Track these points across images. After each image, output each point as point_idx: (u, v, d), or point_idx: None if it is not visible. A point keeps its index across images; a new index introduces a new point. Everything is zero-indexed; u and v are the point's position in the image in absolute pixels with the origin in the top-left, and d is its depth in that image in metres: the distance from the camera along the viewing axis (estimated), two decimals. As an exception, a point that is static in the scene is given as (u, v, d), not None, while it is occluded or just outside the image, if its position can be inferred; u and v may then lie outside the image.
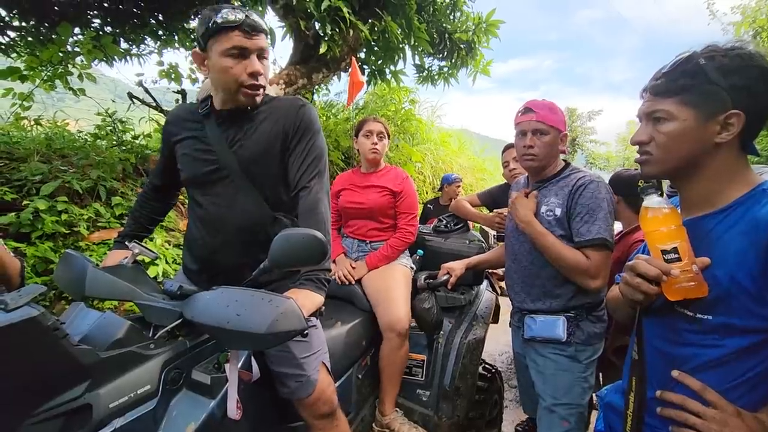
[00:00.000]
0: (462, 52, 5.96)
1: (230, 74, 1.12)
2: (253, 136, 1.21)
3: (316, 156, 1.22)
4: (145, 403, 0.89)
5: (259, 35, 1.14)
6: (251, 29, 1.10)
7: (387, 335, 1.71)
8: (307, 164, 1.20)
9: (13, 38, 4.38)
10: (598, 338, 1.47)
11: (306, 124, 1.22)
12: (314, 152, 1.22)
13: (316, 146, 1.23)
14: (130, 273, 1.17)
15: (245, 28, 1.09)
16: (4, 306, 0.80)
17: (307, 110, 1.24)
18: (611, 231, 1.38)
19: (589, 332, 1.44)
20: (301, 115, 1.22)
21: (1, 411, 0.80)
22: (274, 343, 0.92)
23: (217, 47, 1.10)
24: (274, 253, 0.97)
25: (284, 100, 1.28)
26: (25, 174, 2.53)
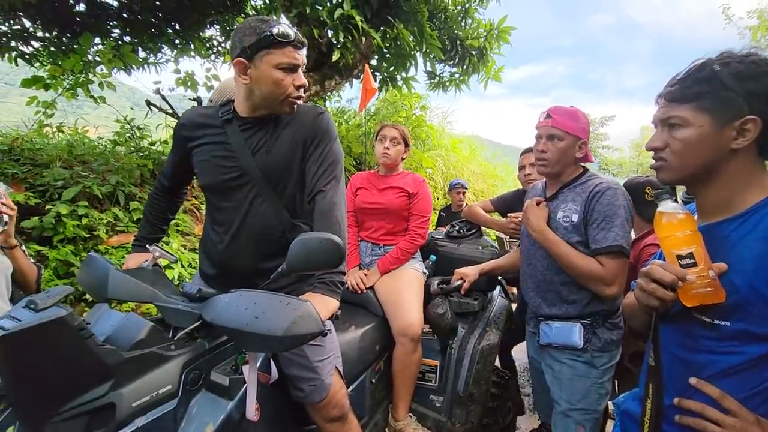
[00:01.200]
0: (473, 59, 5.97)
1: (281, 86, 1.16)
2: (276, 144, 1.24)
3: (333, 162, 1.24)
4: (166, 403, 0.91)
5: (304, 50, 1.20)
6: (301, 45, 1.17)
7: (400, 340, 1.71)
8: (323, 169, 1.22)
9: (36, 48, 4.53)
10: (615, 345, 1.46)
11: (323, 132, 1.26)
12: (330, 158, 1.24)
13: (332, 152, 1.25)
14: (150, 276, 1.20)
15: (296, 43, 1.15)
16: (34, 306, 0.83)
17: (325, 118, 1.28)
18: (628, 238, 1.37)
19: (605, 339, 1.43)
20: (319, 123, 1.26)
21: (29, 409, 0.83)
22: (292, 345, 0.94)
23: (270, 59, 1.14)
24: (291, 256, 0.98)
25: (304, 108, 1.29)
26: (48, 179, 2.60)
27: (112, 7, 4.80)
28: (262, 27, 1.13)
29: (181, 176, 1.44)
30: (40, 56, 4.56)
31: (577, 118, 1.46)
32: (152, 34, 5.16)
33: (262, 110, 1.24)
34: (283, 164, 1.24)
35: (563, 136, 1.43)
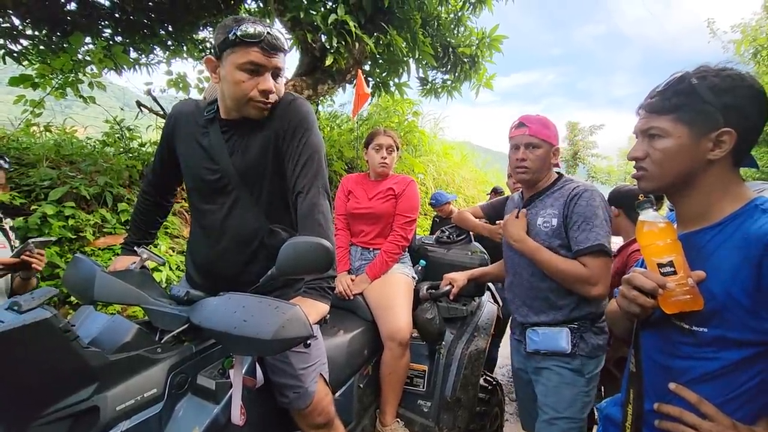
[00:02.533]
0: (465, 66, 6.04)
1: (241, 88, 1.10)
2: (248, 144, 1.19)
3: (310, 156, 1.15)
4: (152, 407, 0.90)
5: (277, 54, 1.11)
6: (270, 48, 1.08)
7: (388, 344, 1.71)
8: (300, 167, 1.15)
9: (25, 46, 4.47)
10: (602, 350, 1.47)
11: (297, 122, 1.16)
12: (307, 152, 1.15)
13: (309, 145, 1.16)
14: (137, 278, 1.19)
15: (264, 45, 1.07)
16: (18, 307, 0.82)
17: (297, 104, 1.18)
18: (609, 237, 1.40)
19: (593, 344, 1.44)
20: (291, 112, 1.17)
21: (11, 411, 0.81)
22: (280, 349, 0.93)
23: (233, 59, 1.08)
24: (281, 260, 0.98)
25: (279, 101, 1.20)
26: (34, 179, 2.57)
27: (104, 6, 4.77)
28: (231, 25, 1.08)
29: (167, 172, 1.38)
30: (29, 55, 4.51)
31: (548, 126, 1.51)
32: (144, 35, 5.13)
33: (234, 113, 1.18)
34: (257, 165, 1.18)
35: (540, 143, 1.48)
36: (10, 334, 0.77)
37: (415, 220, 2.04)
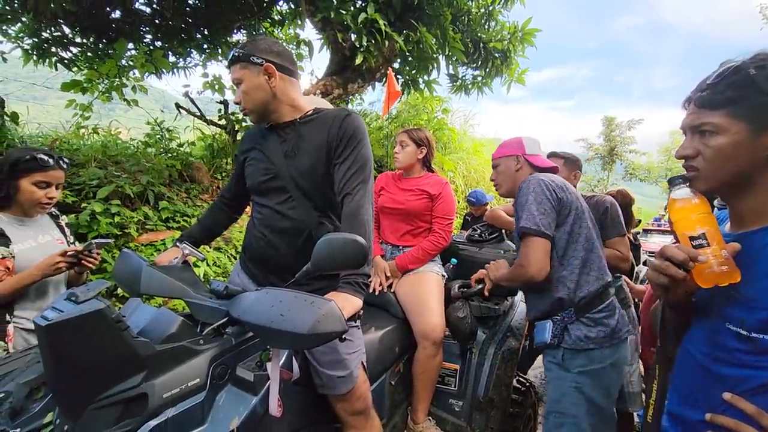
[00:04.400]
0: (496, 61, 5.93)
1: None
2: (303, 148, 1.30)
3: (361, 165, 1.26)
4: (195, 396, 0.94)
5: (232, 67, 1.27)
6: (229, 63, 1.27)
7: (422, 343, 1.71)
8: (351, 173, 1.24)
9: (74, 54, 4.75)
10: (595, 343, 1.43)
11: (350, 134, 1.27)
12: (359, 162, 1.26)
13: (360, 156, 1.27)
14: (180, 272, 1.25)
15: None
16: (75, 298, 0.88)
17: (352, 120, 1.29)
18: (539, 218, 1.42)
19: (579, 336, 1.42)
20: (345, 126, 1.28)
21: (68, 396, 0.87)
22: (315, 344, 0.95)
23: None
24: (316, 256, 1.00)
25: (331, 111, 1.34)
26: (84, 179, 2.72)
27: (145, 13, 4.99)
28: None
29: (238, 187, 1.53)
30: (78, 61, 4.78)
31: (505, 145, 1.72)
32: (182, 39, 5.33)
33: (287, 117, 1.32)
34: (309, 166, 1.29)
35: (499, 162, 1.70)
36: (69, 323, 0.83)
37: (453, 221, 2.03)
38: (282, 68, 1.27)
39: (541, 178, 1.49)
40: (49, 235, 1.65)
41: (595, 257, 1.48)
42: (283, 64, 1.27)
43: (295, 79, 1.34)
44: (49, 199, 1.57)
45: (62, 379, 0.87)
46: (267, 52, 1.25)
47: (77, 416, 0.85)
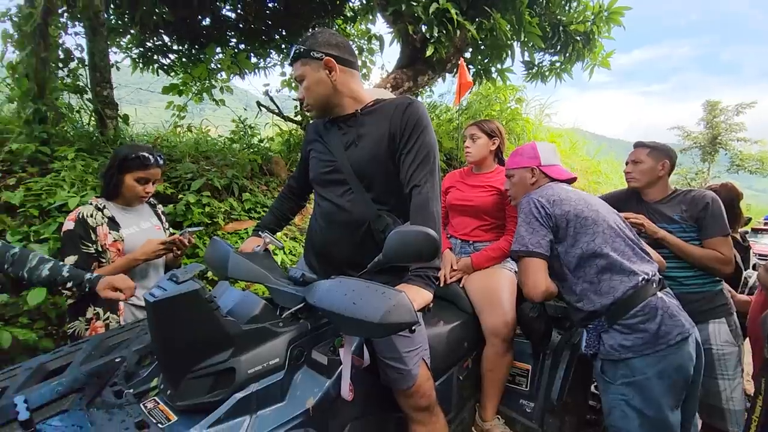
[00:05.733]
0: (578, 45, 5.50)
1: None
2: (364, 139, 1.30)
3: (426, 154, 1.23)
4: (275, 374, 1.01)
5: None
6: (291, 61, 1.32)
7: (491, 340, 1.67)
8: (417, 163, 1.22)
9: (172, 60, 5.28)
10: (634, 352, 1.28)
11: (413, 122, 1.24)
12: (424, 150, 1.23)
13: (425, 144, 1.24)
14: (262, 259, 1.34)
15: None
16: (176, 279, 0.99)
17: (414, 108, 1.26)
18: (526, 239, 1.43)
19: (613, 345, 1.31)
20: (408, 114, 1.25)
21: (170, 365, 0.99)
22: (386, 333, 0.98)
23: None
24: (387, 248, 1.02)
25: (392, 101, 1.32)
26: (180, 173, 3.03)
27: (231, 19, 5.39)
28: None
29: (304, 177, 1.57)
30: (175, 66, 5.32)
31: (519, 154, 1.69)
32: (262, 41, 5.68)
33: (348, 109, 1.33)
34: (370, 157, 1.28)
35: (513, 172, 1.69)
36: (171, 300, 0.93)
37: None
38: (342, 60, 1.27)
39: (531, 196, 1.49)
40: (149, 221, 1.86)
41: (616, 261, 1.36)
42: (342, 56, 1.27)
43: (355, 70, 1.33)
44: (146, 193, 1.76)
45: (165, 349, 0.98)
46: (326, 46, 1.25)
47: (177, 384, 0.96)
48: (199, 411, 0.95)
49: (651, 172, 1.91)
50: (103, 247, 1.64)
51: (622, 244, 1.40)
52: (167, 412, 0.96)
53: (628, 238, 1.43)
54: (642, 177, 1.93)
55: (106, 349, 1.21)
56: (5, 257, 1.37)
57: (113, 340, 1.26)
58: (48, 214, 2.21)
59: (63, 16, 2.82)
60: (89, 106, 3.13)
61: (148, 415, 0.94)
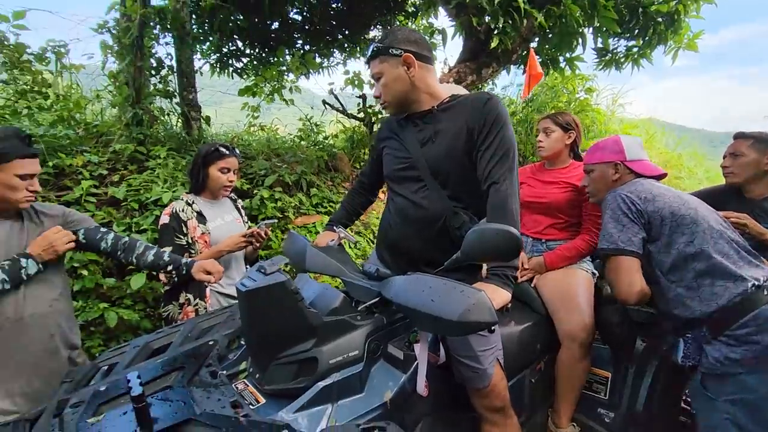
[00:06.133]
0: (660, 27, 5.03)
1: None
2: (441, 136, 1.29)
3: (506, 150, 1.20)
4: (354, 365, 1.05)
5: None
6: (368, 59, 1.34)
7: (567, 344, 1.59)
8: (496, 159, 1.20)
9: (245, 63, 5.61)
10: (744, 366, 1.14)
11: (493, 118, 1.22)
12: (503, 146, 1.21)
13: (505, 140, 1.21)
14: (337, 253, 1.39)
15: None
16: (264, 270, 1.05)
17: (493, 103, 1.24)
18: (615, 236, 1.35)
19: (718, 358, 1.17)
20: (487, 110, 1.23)
21: (258, 351, 1.06)
22: (464, 332, 0.97)
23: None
24: (466, 245, 1.01)
25: (469, 97, 1.31)
26: (254, 169, 3.23)
27: (297, 21, 5.61)
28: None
29: (375, 173, 1.62)
30: (247, 69, 5.65)
31: (601, 148, 1.59)
32: (326, 42, 5.85)
33: (425, 105, 1.32)
34: (447, 154, 1.27)
35: (592, 167, 1.60)
36: (260, 290, 0.99)
37: None
38: (420, 56, 1.26)
39: (619, 192, 1.41)
40: (231, 215, 2.00)
41: (719, 264, 1.22)
42: (421, 52, 1.27)
43: (432, 66, 1.33)
44: (230, 182, 1.90)
45: (255, 336, 1.05)
46: (405, 42, 1.25)
47: (265, 368, 1.03)
48: (284, 396, 1.01)
49: (754, 166, 1.71)
50: (193, 239, 1.79)
51: (726, 246, 1.26)
52: (256, 395, 1.03)
53: (732, 239, 1.29)
54: (742, 171, 1.74)
55: (199, 332, 1.32)
56: (118, 245, 1.56)
57: (205, 324, 1.38)
58: (146, 208, 2.46)
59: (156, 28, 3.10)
60: (177, 110, 3.43)
61: (240, 395, 1.01)
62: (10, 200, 1.34)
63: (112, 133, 2.94)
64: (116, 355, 1.24)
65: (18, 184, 1.33)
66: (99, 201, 2.47)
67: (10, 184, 1.32)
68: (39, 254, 1.37)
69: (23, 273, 1.33)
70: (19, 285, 1.34)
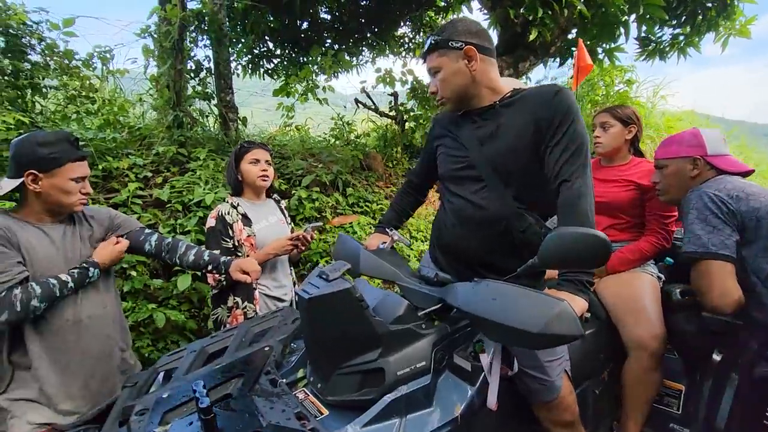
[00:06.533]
0: (710, 13, 4.74)
1: None
2: (504, 133, 1.20)
3: (578, 147, 1.10)
4: (422, 377, 0.99)
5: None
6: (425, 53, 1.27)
7: (636, 354, 1.48)
8: (568, 155, 1.10)
9: (276, 64, 5.65)
10: None
11: (563, 111, 1.12)
12: (576, 141, 1.10)
13: (576, 134, 1.11)
14: (390, 256, 1.34)
15: None
16: (326, 276, 1.01)
17: (563, 96, 1.14)
18: (705, 238, 1.26)
19: None
20: (557, 103, 1.13)
21: (323, 360, 1.01)
22: (547, 345, 0.90)
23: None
24: (546, 251, 0.93)
25: (536, 89, 1.22)
26: (291, 169, 3.22)
27: (327, 21, 5.60)
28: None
29: (426, 173, 1.55)
30: (277, 70, 5.69)
31: (677, 142, 1.50)
32: (355, 40, 5.82)
33: (486, 100, 1.24)
34: (510, 151, 1.18)
35: (666, 162, 1.51)
36: (325, 298, 0.95)
37: (675, 217, 1.70)
38: (482, 49, 1.19)
39: (704, 190, 1.31)
40: (275, 216, 1.98)
41: None
42: (483, 44, 1.19)
43: (494, 59, 1.24)
44: (263, 172, 1.86)
45: (317, 344, 1.01)
46: (466, 34, 1.18)
47: (327, 378, 0.98)
48: (348, 407, 0.96)
49: None
50: (239, 242, 1.77)
51: None
52: (318, 405, 0.99)
53: None
54: None
55: (253, 337, 1.30)
56: (162, 246, 1.57)
57: (257, 328, 1.35)
58: (189, 209, 2.49)
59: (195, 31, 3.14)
60: (215, 111, 3.46)
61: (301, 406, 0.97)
62: (64, 204, 1.35)
63: (154, 135, 2.99)
64: (174, 360, 1.23)
65: (72, 187, 1.34)
66: (144, 203, 2.52)
67: (65, 188, 1.33)
68: (104, 263, 1.40)
69: (88, 281, 1.37)
70: (78, 290, 1.36)
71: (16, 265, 1.23)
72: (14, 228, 1.26)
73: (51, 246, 1.33)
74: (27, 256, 1.27)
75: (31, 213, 1.34)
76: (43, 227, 1.34)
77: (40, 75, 2.66)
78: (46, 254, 1.31)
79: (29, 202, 1.33)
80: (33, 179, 1.28)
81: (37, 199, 1.32)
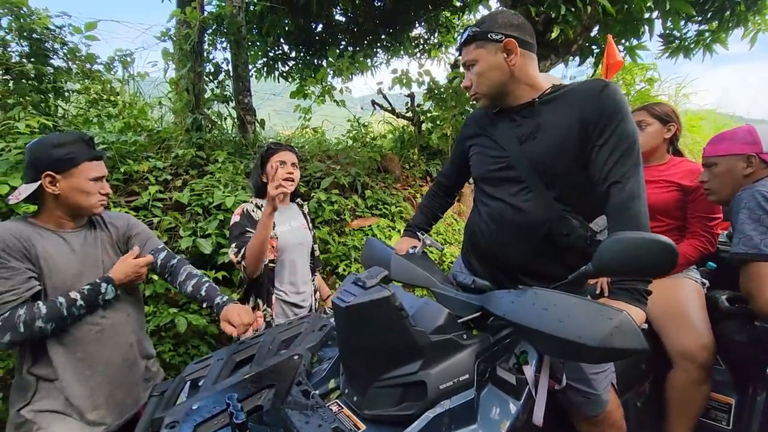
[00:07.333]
0: (740, 7, 4.58)
1: None
2: (545, 131, 1.13)
3: (629, 146, 1.03)
4: (466, 391, 0.92)
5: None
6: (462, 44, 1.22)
7: (682, 365, 1.40)
8: (618, 155, 1.03)
9: (291, 66, 5.65)
10: None
11: (611, 108, 1.05)
12: (626, 140, 1.03)
13: (627, 133, 1.04)
14: (422, 261, 1.28)
15: None
16: (363, 284, 0.95)
17: (611, 92, 1.07)
18: (757, 238, 1.22)
19: None
20: (604, 99, 1.06)
21: (359, 371, 0.96)
22: (605, 359, 0.84)
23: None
24: (601, 257, 0.86)
25: (581, 85, 1.15)
26: (309, 172, 3.19)
27: (341, 23, 5.58)
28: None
29: (458, 174, 1.50)
30: (292, 73, 5.69)
31: (728, 138, 1.44)
32: (370, 41, 5.79)
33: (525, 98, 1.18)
34: (553, 151, 1.12)
35: (716, 160, 1.45)
36: (362, 306, 0.89)
37: (719, 219, 1.61)
38: (523, 42, 1.13)
39: (758, 189, 1.27)
40: (298, 220, 1.94)
41: None
42: (524, 38, 1.13)
43: (534, 54, 1.18)
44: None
45: (353, 355, 0.96)
46: (507, 26, 1.12)
47: (364, 391, 0.93)
48: (387, 422, 0.91)
49: None
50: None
51: None
52: (354, 419, 0.94)
53: None
54: None
55: (279, 344, 1.25)
56: (166, 267, 1.49)
57: (284, 335, 1.31)
58: (209, 212, 2.47)
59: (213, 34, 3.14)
60: (233, 114, 3.46)
61: (337, 419, 0.92)
62: (84, 206, 1.31)
63: (173, 138, 2.99)
64: (201, 368, 1.19)
65: (90, 187, 1.30)
66: (165, 206, 2.50)
67: (83, 188, 1.29)
68: (119, 279, 1.34)
69: (101, 299, 1.30)
70: (95, 310, 1.31)
71: (26, 281, 1.18)
72: (33, 237, 1.22)
73: (71, 254, 1.29)
74: (45, 266, 1.23)
75: (50, 218, 1.30)
76: (63, 234, 1.30)
77: (62, 79, 2.68)
78: (66, 263, 1.27)
79: (48, 207, 1.29)
80: (50, 181, 1.25)
81: (56, 203, 1.28)
